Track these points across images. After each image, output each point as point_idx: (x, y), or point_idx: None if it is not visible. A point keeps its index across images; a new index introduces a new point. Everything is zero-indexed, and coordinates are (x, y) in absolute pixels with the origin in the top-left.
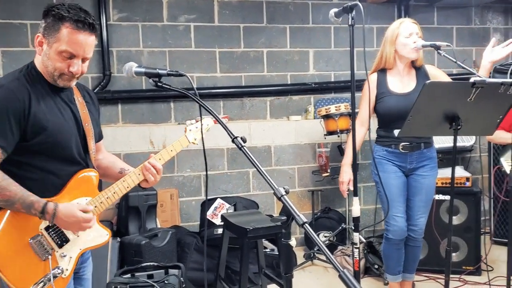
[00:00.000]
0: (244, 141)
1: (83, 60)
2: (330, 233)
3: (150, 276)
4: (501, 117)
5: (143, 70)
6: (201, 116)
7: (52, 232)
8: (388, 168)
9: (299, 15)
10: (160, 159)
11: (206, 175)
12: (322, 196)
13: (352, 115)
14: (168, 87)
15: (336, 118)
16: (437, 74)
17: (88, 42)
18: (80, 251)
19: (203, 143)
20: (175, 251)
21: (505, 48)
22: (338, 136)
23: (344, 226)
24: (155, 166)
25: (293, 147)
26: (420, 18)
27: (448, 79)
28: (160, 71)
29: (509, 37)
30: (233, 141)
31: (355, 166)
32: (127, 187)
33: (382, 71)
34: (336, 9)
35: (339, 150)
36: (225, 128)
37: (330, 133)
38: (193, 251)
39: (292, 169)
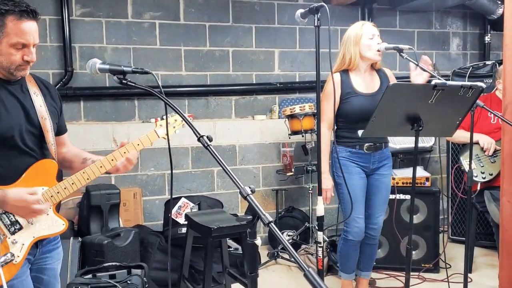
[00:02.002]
0: (210, 140)
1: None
2: (294, 232)
3: (112, 276)
4: (460, 119)
5: (107, 66)
6: (166, 114)
7: (5, 219)
8: (352, 170)
9: (265, 15)
10: (124, 152)
11: (171, 173)
12: (286, 195)
13: (317, 115)
14: (133, 84)
15: (301, 118)
16: (393, 78)
17: (34, 28)
18: (33, 239)
19: (168, 142)
20: (138, 250)
21: (419, 75)
22: (303, 136)
23: (307, 225)
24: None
25: (258, 147)
26: (382, 21)
27: None
28: (125, 68)
29: (467, 41)
30: (199, 139)
31: (319, 167)
32: (87, 179)
33: (344, 72)
34: (302, 10)
35: (304, 149)
36: (191, 126)
37: (294, 132)
38: (156, 250)
39: (256, 168)
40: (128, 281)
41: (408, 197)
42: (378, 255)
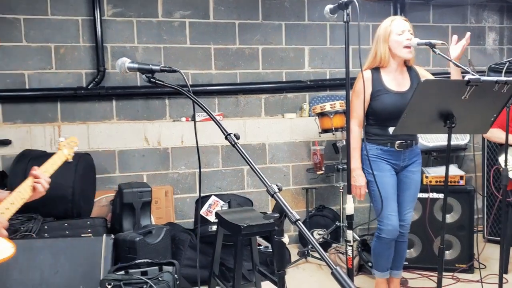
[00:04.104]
0: (238, 138)
1: None
2: (324, 231)
3: (144, 273)
4: (495, 115)
5: (136, 65)
6: (194, 112)
7: None
8: (383, 167)
9: (294, 12)
10: (45, 172)
11: (200, 172)
12: (317, 194)
13: (347, 113)
14: (162, 83)
15: (331, 116)
16: (426, 76)
17: None
18: None
19: (196, 141)
20: (169, 248)
21: (457, 46)
22: (333, 134)
23: (338, 224)
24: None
25: (288, 145)
26: (415, 16)
27: None
28: (153, 67)
29: (504, 36)
30: (226, 138)
31: (348, 165)
32: (22, 198)
33: (375, 69)
34: (331, 6)
35: (334, 148)
36: (219, 125)
37: (325, 131)
38: (187, 248)
39: (286, 166)
40: (159, 278)
41: (441, 196)
42: (411, 255)
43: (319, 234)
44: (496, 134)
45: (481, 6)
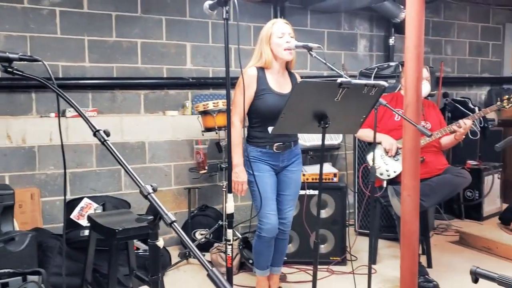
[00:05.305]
0: (108, 134)
1: None
2: (207, 230)
3: (4, 285)
4: (364, 116)
5: None
6: (58, 106)
7: None
8: (262, 168)
9: (175, 7)
10: None
11: (65, 171)
12: (199, 193)
13: (227, 110)
14: (21, 73)
15: (214, 115)
16: None
17: None
18: None
19: (60, 137)
20: (35, 255)
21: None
22: (216, 133)
23: (220, 223)
24: None
25: (169, 144)
26: (294, 20)
27: None
28: (10, 55)
29: (374, 43)
30: (94, 134)
31: (229, 164)
32: None
33: (261, 68)
34: (210, 1)
35: (217, 147)
36: (87, 120)
37: (208, 129)
38: (56, 254)
39: (168, 166)
40: None
41: (316, 192)
42: (289, 250)
43: (201, 234)
44: (366, 133)
45: (353, 14)
